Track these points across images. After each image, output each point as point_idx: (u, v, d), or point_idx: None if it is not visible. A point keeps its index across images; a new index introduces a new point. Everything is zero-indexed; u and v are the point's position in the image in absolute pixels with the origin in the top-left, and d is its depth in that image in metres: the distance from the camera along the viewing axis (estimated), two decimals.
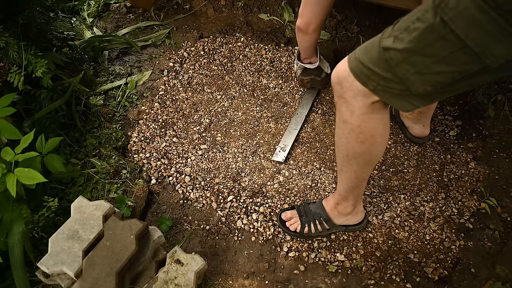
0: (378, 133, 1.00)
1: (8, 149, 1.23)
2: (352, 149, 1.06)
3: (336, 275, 1.34)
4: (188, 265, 1.20)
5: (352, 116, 0.98)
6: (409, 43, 0.78)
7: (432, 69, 0.78)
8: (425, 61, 0.78)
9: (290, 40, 2.10)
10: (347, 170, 1.16)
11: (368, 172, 1.15)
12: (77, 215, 1.23)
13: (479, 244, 1.39)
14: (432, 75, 0.80)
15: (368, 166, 1.11)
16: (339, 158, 1.15)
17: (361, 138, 1.01)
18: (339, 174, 1.22)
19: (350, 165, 1.12)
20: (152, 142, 1.70)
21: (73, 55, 1.92)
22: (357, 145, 1.03)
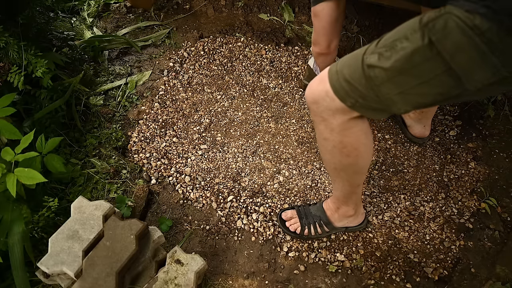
0: (362, 144, 0.99)
1: (8, 149, 1.23)
2: (339, 162, 1.06)
3: (336, 275, 1.34)
4: (188, 265, 1.20)
5: (332, 133, 0.97)
6: (395, 63, 0.76)
7: (416, 90, 0.77)
8: (410, 81, 0.77)
9: (290, 40, 2.10)
10: (339, 180, 1.17)
11: (360, 179, 1.15)
12: (77, 215, 1.23)
13: (479, 244, 1.39)
14: (416, 96, 0.79)
15: (358, 174, 1.11)
16: (328, 170, 1.16)
17: (345, 152, 1.00)
18: (333, 183, 1.23)
19: (340, 176, 1.13)
20: (152, 142, 1.70)
21: (73, 55, 1.92)
22: (343, 159, 1.03)
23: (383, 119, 1.76)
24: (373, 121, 1.75)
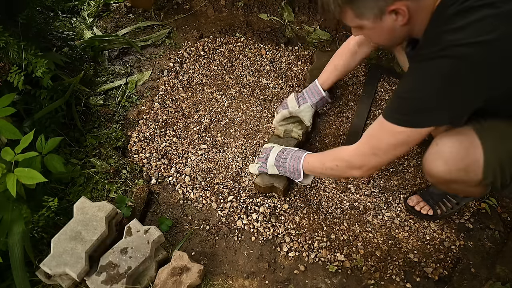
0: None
1: (8, 149, 1.23)
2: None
3: (336, 275, 1.34)
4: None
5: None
6: None
7: None
8: None
9: (290, 40, 2.10)
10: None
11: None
12: (80, 216, 1.24)
13: (479, 244, 1.40)
14: None
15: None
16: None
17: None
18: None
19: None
20: (152, 142, 1.70)
21: (73, 55, 1.91)
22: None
23: None
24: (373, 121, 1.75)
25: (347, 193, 1.54)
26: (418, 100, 0.94)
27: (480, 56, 0.82)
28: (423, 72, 0.91)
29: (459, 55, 0.83)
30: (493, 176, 0.98)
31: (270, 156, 1.42)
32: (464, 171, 1.00)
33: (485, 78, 0.85)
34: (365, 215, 1.48)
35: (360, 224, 1.45)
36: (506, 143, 0.97)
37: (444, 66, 0.86)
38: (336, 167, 1.21)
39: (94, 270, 1.18)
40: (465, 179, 1.03)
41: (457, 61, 0.84)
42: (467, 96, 0.89)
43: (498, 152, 0.97)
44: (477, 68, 0.83)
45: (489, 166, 0.97)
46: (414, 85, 0.94)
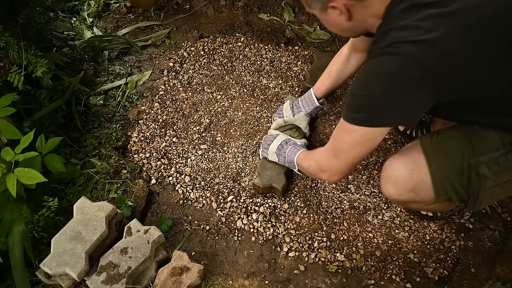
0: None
1: (8, 149, 1.23)
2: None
3: (336, 275, 1.34)
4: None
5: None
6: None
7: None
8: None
9: (290, 40, 2.10)
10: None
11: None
12: (80, 216, 1.24)
13: (479, 244, 1.39)
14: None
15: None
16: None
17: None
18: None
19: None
20: (152, 142, 1.70)
21: (73, 55, 1.91)
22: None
23: None
24: None
25: (347, 193, 1.54)
26: (366, 98, 0.92)
27: (423, 54, 0.80)
28: (370, 69, 0.91)
29: (403, 52, 0.82)
30: (446, 194, 0.99)
31: (273, 143, 1.49)
32: (413, 191, 1.02)
33: (430, 77, 0.83)
34: (365, 215, 1.48)
35: (360, 224, 1.45)
36: (453, 161, 0.97)
37: (389, 63, 0.85)
38: (310, 167, 1.24)
39: (94, 270, 1.18)
40: (417, 199, 1.04)
41: (401, 58, 0.83)
42: (414, 95, 0.87)
43: (445, 170, 0.97)
44: (421, 66, 0.82)
45: (439, 185, 0.98)
46: (363, 82, 0.93)
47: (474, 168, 0.94)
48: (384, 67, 0.87)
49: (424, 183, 0.99)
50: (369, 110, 0.93)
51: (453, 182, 0.97)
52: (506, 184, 0.94)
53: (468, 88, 0.87)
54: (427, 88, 0.85)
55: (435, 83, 0.85)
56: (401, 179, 1.03)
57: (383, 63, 0.87)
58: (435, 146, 1.00)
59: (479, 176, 0.94)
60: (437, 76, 0.83)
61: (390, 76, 0.86)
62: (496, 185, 0.94)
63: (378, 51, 0.88)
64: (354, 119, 0.96)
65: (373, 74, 0.90)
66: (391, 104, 0.89)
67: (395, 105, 0.89)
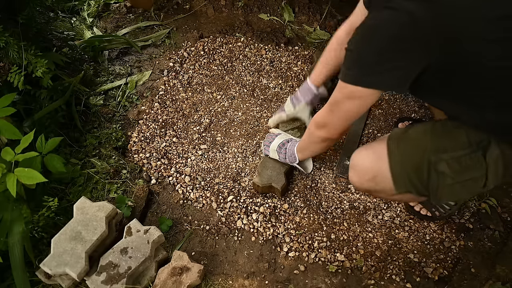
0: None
1: (8, 149, 1.23)
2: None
3: (336, 275, 1.34)
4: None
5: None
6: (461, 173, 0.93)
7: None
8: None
9: (290, 40, 2.10)
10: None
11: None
12: (80, 216, 1.24)
13: (479, 244, 1.39)
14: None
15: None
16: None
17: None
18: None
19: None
20: (152, 142, 1.70)
21: (73, 55, 1.92)
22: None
23: (382, 120, 1.76)
24: (373, 121, 1.75)
25: (347, 193, 1.54)
26: (356, 54, 0.92)
27: (421, 13, 0.79)
28: (367, 24, 0.90)
29: (400, 8, 0.81)
30: (405, 187, 1.02)
31: (275, 141, 1.51)
32: (373, 181, 1.06)
33: (425, 36, 0.82)
34: (365, 215, 1.48)
35: (360, 224, 1.45)
36: (412, 156, 0.98)
37: (384, 19, 0.84)
38: (309, 131, 1.28)
39: (94, 270, 1.18)
40: (377, 189, 1.09)
41: (397, 15, 0.82)
42: (405, 55, 0.86)
43: (403, 164, 1.00)
44: (416, 24, 0.81)
45: (397, 178, 1.01)
46: (357, 40, 0.92)
47: (433, 165, 0.95)
48: (379, 24, 0.86)
49: (383, 174, 1.02)
50: (359, 68, 0.92)
51: (410, 176, 0.99)
52: (467, 182, 0.95)
53: (458, 50, 0.84)
54: (419, 47, 0.84)
55: (428, 42, 0.83)
56: (362, 168, 1.09)
57: (378, 20, 0.86)
58: (401, 142, 1.02)
59: (438, 173, 0.95)
60: (431, 35, 0.82)
61: (384, 34, 0.85)
62: (455, 183, 0.94)
63: (378, 6, 0.86)
64: (345, 76, 0.96)
65: (368, 30, 0.89)
66: (381, 63, 0.88)
67: (385, 65, 0.88)
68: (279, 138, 1.51)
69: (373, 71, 0.91)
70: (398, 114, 1.77)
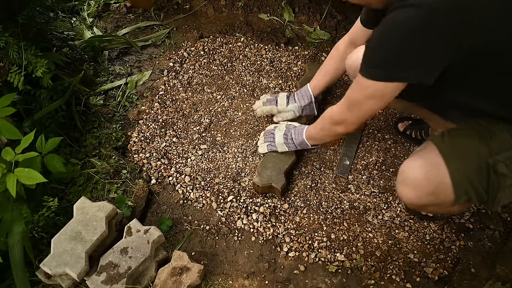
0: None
1: (8, 149, 1.23)
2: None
3: (336, 275, 1.34)
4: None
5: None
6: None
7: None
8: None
9: (290, 40, 2.10)
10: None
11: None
12: (80, 216, 1.24)
13: (479, 244, 1.39)
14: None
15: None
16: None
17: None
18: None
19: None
20: (152, 142, 1.70)
21: (73, 55, 1.91)
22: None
23: (382, 120, 1.76)
24: (373, 121, 1.75)
25: (347, 193, 1.54)
26: (381, 52, 0.92)
27: (441, 6, 0.80)
28: (387, 23, 0.90)
29: (422, 3, 0.82)
30: (466, 195, 0.97)
31: (277, 136, 1.53)
32: (434, 194, 1.00)
33: (446, 30, 0.83)
34: (365, 215, 1.48)
35: (360, 224, 1.45)
36: (470, 160, 0.95)
37: (406, 17, 0.85)
38: (324, 126, 1.28)
39: (94, 270, 1.18)
40: (437, 202, 1.02)
41: (418, 11, 0.82)
42: (430, 50, 0.86)
43: (464, 169, 0.95)
44: (438, 19, 0.81)
45: (458, 185, 0.96)
46: (380, 37, 0.93)
47: (492, 167, 0.93)
48: (401, 21, 0.86)
49: (444, 184, 0.97)
50: (384, 65, 0.92)
51: (472, 181, 0.95)
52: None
53: (484, 44, 0.84)
54: (444, 40, 0.84)
55: (452, 34, 0.83)
56: (420, 182, 1.00)
57: (401, 16, 0.86)
58: (450, 146, 0.99)
59: (498, 175, 0.92)
60: (454, 27, 0.82)
61: (407, 30, 0.86)
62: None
63: (396, 5, 0.87)
64: (368, 74, 0.96)
65: (389, 28, 0.89)
66: (406, 59, 0.89)
67: (410, 60, 0.89)
68: (279, 131, 1.54)
69: (397, 67, 0.91)
70: (398, 114, 1.77)
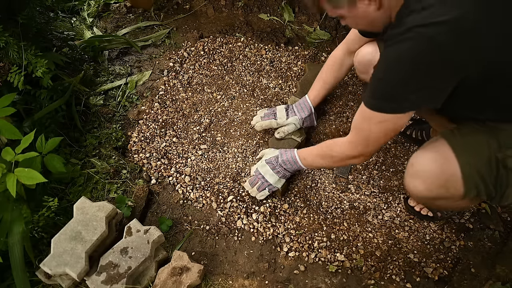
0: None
1: (8, 149, 1.23)
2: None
3: (336, 275, 1.34)
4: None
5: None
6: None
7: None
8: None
9: (290, 40, 2.10)
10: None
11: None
12: (80, 216, 1.24)
13: (479, 244, 1.39)
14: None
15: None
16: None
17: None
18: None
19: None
20: (152, 142, 1.70)
21: (73, 55, 1.91)
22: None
23: None
24: None
25: (347, 193, 1.54)
26: (390, 85, 0.93)
27: (441, 36, 0.81)
28: (390, 56, 0.91)
29: (421, 36, 0.83)
30: (476, 189, 0.97)
31: (268, 177, 1.40)
32: (444, 187, 1.00)
33: (450, 55, 0.84)
34: (365, 215, 1.48)
35: (360, 224, 1.45)
36: (481, 154, 0.95)
37: (408, 49, 0.86)
38: (337, 159, 1.23)
39: (94, 270, 1.18)
40: (446, 195, 1.02)
41: (419, 43, 0.84)
42: (438, 76, 0.87)
43: (475, 163, 0.96)
44: (439, 48, 0.82)
45: (469, 179, 0.96)
46: (384, 70, 0.94)
47: (502, 162, 0.93)
48: (404, 54, 0.87)
49: (455, 177, 0.97)
50: (395, 97, 0.93)
51: (483, 174, 0.95)
52: None
53: (488, 60, 0.86)
54: (449, 66, 0.85)
55: (456, 59, 0.84)
56: (431, 174, 1.01)
57: (403, 50, 0.87)
58: (461, 140, 0.99)
59: (507, 170, 0.92)
60: (457, 52, 0.83)
61: (413, 63, 0.87)
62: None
63: (396, 39, 0.88)
64: (379, 108, 0.97)
65: (393, 61, 0.90)
66: (417, 88, 0.89)
67: (422, 89, 0.90)
68: (266, 173, 1.40)
69: (412, 96, 0.92)
70: None
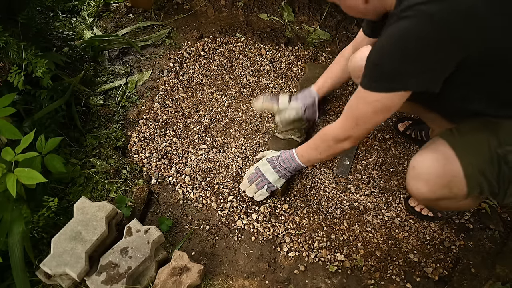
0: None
1: (8, 149, 1.23)
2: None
3: (336, 275, 1.34)
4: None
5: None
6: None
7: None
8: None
9: (290, 40, 2.10)
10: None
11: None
12: (80, 216, 1.23)
13: (479, 244, 1.40)
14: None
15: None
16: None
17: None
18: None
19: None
20: (152, 142, 1.70)
21: (73, 55, 1.92)
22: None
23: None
24: None
25: (347, 193, 1.54)
26: (387, 65, 0.93)
27: (439, 13, 0.81)
28: (390, 36, 0.91)
29: (418, 14, 0.83)
30: (479, 187, 0.97)
31: (268, 175, 1.40)
32: (447, 187, 1.00)
33: (449, 33, 0.83)
34: (365, 215, 1.48)
35: (360, 224, 1.45)
36: (481, 152, 0.95)
37: (406, 27, 0.86)
38: (328, 147, 1.22)
39: (94, 270, 1.18)
40: (450, 196, 1.02)
41: (417, 21, 0.83)
42: (435, 56, 0.87)
43: (476, 162, 0.95)
44: (437, 25, 0.82)
45: (471, 178, 0.96)
46: (383, 50, 0.93)
47: (503, 158, 0.92)
48: (402, 32, 0.87)
49: (457, 177, 0.97)
50: (391, 76, 0.92)
51: (485, 172, 0.95)
52: None
53: (486, 43, 0.85)
54: (448, 45, 0.84)
55: (454, 38, 0.84)
56: (434, 175, 1.00)
57: (401, 28, 0.87)
58: (460, 139, 0.99)
59: (509, 166, 0.92)
60: (456, 30, 0.83)
61: (410, 40, 0.86)
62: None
63: (396, 17, 0.88)
64: (376, 87, 0.96)
65: (393, 40, 0.90)
66: (413, 67, 0.89)
67: (417, 68, 0.89)
68: (267, 171, 1.40)
69: (406, 75, 0.91)
70: (398, 114, 1.77)
